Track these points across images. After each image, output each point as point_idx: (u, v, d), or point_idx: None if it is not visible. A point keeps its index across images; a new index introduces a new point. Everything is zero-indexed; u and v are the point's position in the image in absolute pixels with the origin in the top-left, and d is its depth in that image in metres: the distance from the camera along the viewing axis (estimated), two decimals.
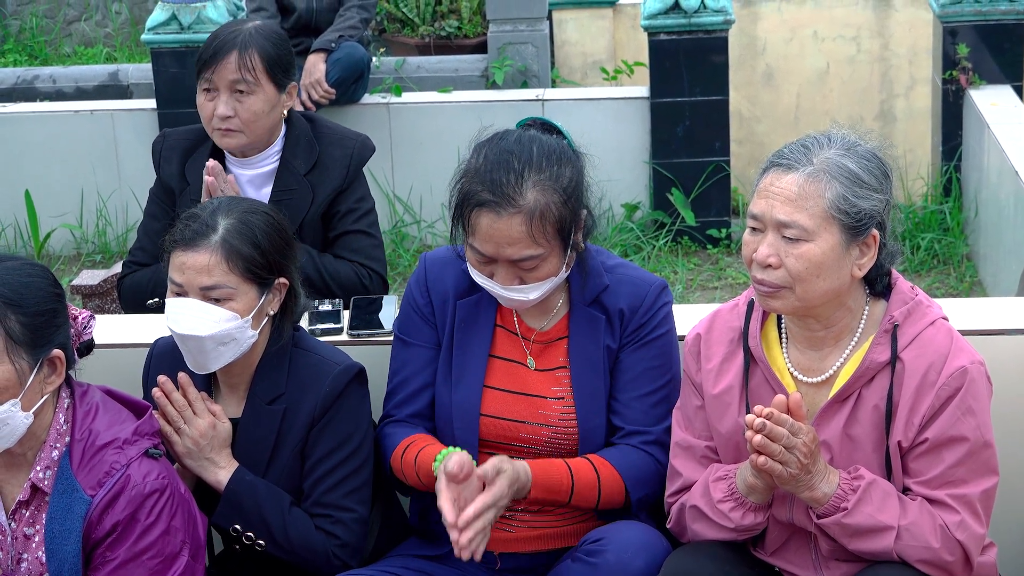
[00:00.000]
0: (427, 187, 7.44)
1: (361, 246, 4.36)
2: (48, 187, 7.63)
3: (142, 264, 4.36)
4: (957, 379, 3.07)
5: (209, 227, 3.31)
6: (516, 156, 3.26)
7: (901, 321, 3.11)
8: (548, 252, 3.27)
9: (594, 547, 3.28)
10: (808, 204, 3.03)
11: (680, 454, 3.33)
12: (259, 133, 4.30)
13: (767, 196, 3.06)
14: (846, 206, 3.03)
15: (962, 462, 3.09)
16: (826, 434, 3.14)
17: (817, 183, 3.03)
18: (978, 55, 7.20)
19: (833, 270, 3.06)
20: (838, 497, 3.06)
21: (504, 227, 3.23)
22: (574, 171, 3.30)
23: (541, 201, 3.23)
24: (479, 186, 3.25)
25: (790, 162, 3.07)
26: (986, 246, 6.87)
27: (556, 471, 3.31)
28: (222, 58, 4.25)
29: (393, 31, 8.99)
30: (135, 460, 3.09)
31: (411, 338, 3.49)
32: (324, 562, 3.37)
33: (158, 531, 3.08)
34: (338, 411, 3.39)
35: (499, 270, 3.29)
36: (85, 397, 3.16)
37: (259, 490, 3.36)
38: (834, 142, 3.10)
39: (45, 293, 3.07)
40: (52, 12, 11.52)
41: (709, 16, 7.24)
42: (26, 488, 3.10)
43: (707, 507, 3.21)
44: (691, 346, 3.31)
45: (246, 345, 3.36)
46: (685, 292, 6.90)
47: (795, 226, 3.03)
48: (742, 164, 8.20)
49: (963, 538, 3.08)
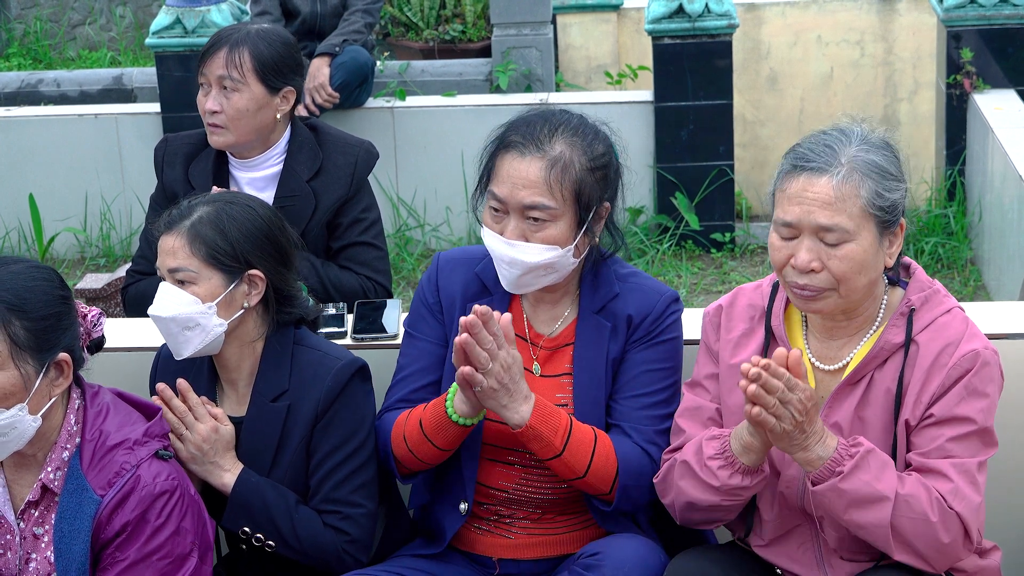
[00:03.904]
0: (431, 191, 7.44)
1: (367, 259, 4.36)
2: (52, 191, 7.64)
3: (144, 273, 4.36)
4: (968, 361, 3.07)
5: (184, 214, 3.38)
6: (558, 116, 3.35)
7: (918, 306, 3.13)
8: (560, 210, 3.28)
9: (591, 561, 3.27)
10: (847, 205, 3.03)
11: (686, 414, 3.31)
12: (245, 131, 4.32)
13: (802, 202, 3.05)
14: (880, 201, 3.05)
15: (961, 440, 3.07)
16: (838, 416, 3.14)
17: (851, 183, 3.04)
18: (982, 59, 7.20)
19: (872, 265, 3.08)
20: (834, 461, 3.02)
21: (524, 167, 3.27)
22: (609, 156, 3.36)
23: (567, 154, 3.29)
24: (512, 132, 3.32)
25: (819, 164, 3.06)
26: (990, 250, 6.87)
27: (558, 412, 3.31)
28: (213, 53, 4.32)
29: (397, 35, 8.99)
30: (145, 461, 3.10)
31: (418, 332, 3.50)
32: (335, 559, 3.38)
33: (168, 532, 3.09)
34: (342, 406, 3.39)
35: (510, 221, 3.30)
36: (96, 398, 3.17)
37: (266, 491, 3.37)
38: (853, 137, 3.10)
39: (50, 297, 3.07)
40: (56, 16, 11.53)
41: (713, 20, 7.25)
42: (36, 488, 3.11)
43: (696, 463, 3.17)
44: (712, 316, 3.32)
45: (214, 334, 3.36)
46: (689, 296, 6.90)
47: (837, 229, 3.03)
48: (746, 168, 8.20)
49: (960, 508, 3.03)
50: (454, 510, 3.46)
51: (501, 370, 3.21)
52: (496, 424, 3.39)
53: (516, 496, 3.44)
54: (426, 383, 3.46)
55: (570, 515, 3.45)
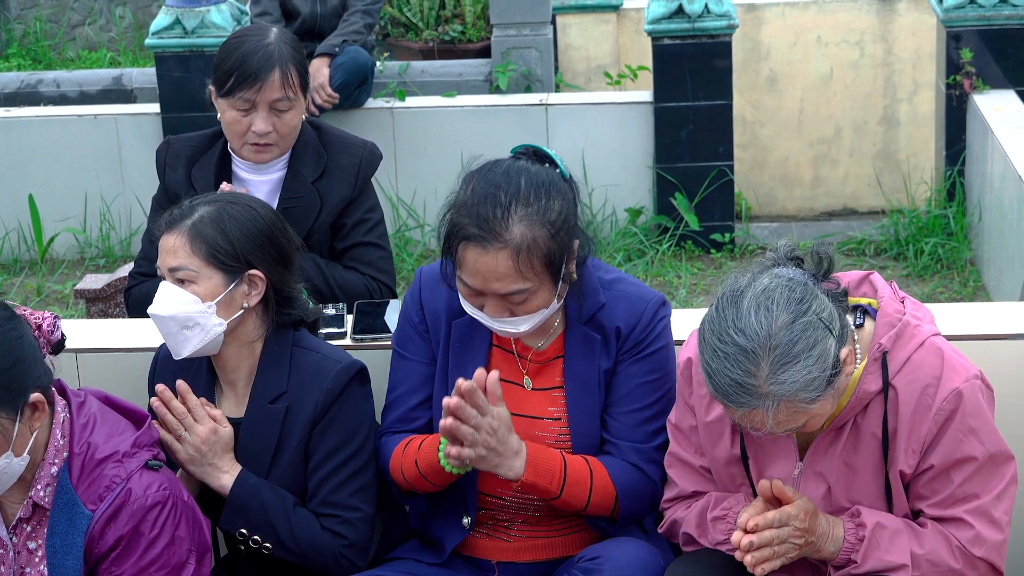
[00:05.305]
0: (431, 191, 7.44)
1: (372, 259, 4.36)
2: (52, 191, 7.63)
3: (147, 275, 4.35)
4: (952, 402, 3.04)
5: (185, 214, 3.38)
6: (503, 189, 3.21)
7: (890, 346, 3.07)
8: (537, 286, 3.23)
9: (590, 565, 3.27)
10: (797, 417, 2.95)
11: (675, 464, 3.32)
12: (292, 143, 4.31)
13: (755, 429, 2.95)
14: (813, 393, 2.90)
15: (971, 478, 3.07)
16: (822, 465, 3.13)
17: (782, 409, 2.92)
18: (982, 60, 7.19)
19: (838, 395, 3.00)
20: (845, 551, 3.07)
21: (491, 262, 3.19)
22: (564, 203, 3.24)
23: (528, 235, 3.18)
24: (466, 219, 3.21)
25: (738, 406, 2.92)
26: (989, 251, 6.87)
27: (550, 455, 3.31)
28: (266, 76, 4.18)
29: (397, 35, 8.99)
30: (135, 473, 3.08)
31: (407, 352, 3.49)
32: (332, 563, 3.38)
33: (163, 543, 3.08)
34: (340, 409, 3.39)
35: (489, 302, 3.26)
36: (82, 409, 3.13)
37: (263, 493, 3.36)
38: (759, 363, 2.88)
39: (5, 345, 2.97)
40: (56, 16, 11.52)
41: (713, 21, 7.24)
42: (26, 505, 3.09)
43: (703, 540, 3.22)
44: (683, 369, 3.28)
45: (214, 333, 3.36)
46: (688, 297, 6.90)
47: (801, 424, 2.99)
48: (745, 169, 8.20)
49: (982, 553, 3.06)
50: (454, 521, 3.45)
51: (488, 437, 3.21)
52: None
53: (513, 503, 3.44)
54: (418, 402, 3.47)
55: (568, 517, 3.45)
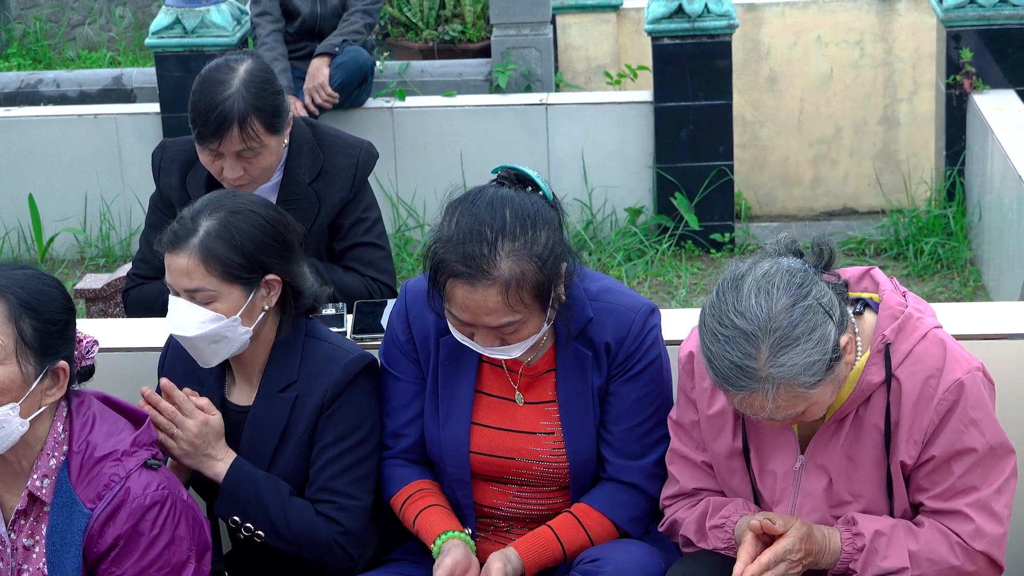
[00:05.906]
0: (431, 191, 7.44)
1: (372, 259, 4.34)
2: (52, 191, 7.63)
3: (145, 277, 4.34)
4: (954, 393, 3.04)
5: (190, 230, 3.33)
6: (488, 224, 3.17)
7: (893, 338, 3.07)
8: (527, 316, 3.22)
9: (590, 567, 3.28)
10: (797, 403, 2.95)
11: (676, 460, 3.32)
12: (271, 175, 4.27)
13: (755, 414, 2.97)
14: (814, 376, 2.92)
15: (972, 470, 3.07)
16: (823, 458, 3.13)
17: (782, 394, 2.92)
18: (982, 60, 7.19)
19: (838, 383, 3.01)
20: (843, 560, 3.08)
21: (480, 298, 3.17)
22: (550, 232, 3.21)
23: (516, 271, 3.16)
24: (452, 256, 3.17)
25: (737, 390, 2.92)
26: (989, 251, 6.87)
27: (544, 544, 3.34)
28: (224, 133, 4.12)
29: (397, 35, 8.99)
30: (134, 472, 3.08)
31: (396, 371, 3.48)
32: (327, 550, 3.37)
33: (163, 543, 3.08)
34: (348, 399, 3.40)
35: (479, 333, 3.24)
36: (82, 407, 3.14)
37: (258, 480, 3.37)
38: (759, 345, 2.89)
39: (59, 304, 3.08)
40: (56, 16, 11.52)
41: (713, 21, 7.24)
42: (23, 497, 3.09)
43: (704, 547, 3.23)
44: (685, 363, 3.27)
45: (240, 341, 3.37)
46: (688, 296, 6.90)
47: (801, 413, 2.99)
48: (745, 168, 8.20)
49: (983, 547, 3.07)
50: None
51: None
52: (484, 457, 3.40)
53: (509, 513, 3.45)
54: (411, 417, 3.47)
55: None
